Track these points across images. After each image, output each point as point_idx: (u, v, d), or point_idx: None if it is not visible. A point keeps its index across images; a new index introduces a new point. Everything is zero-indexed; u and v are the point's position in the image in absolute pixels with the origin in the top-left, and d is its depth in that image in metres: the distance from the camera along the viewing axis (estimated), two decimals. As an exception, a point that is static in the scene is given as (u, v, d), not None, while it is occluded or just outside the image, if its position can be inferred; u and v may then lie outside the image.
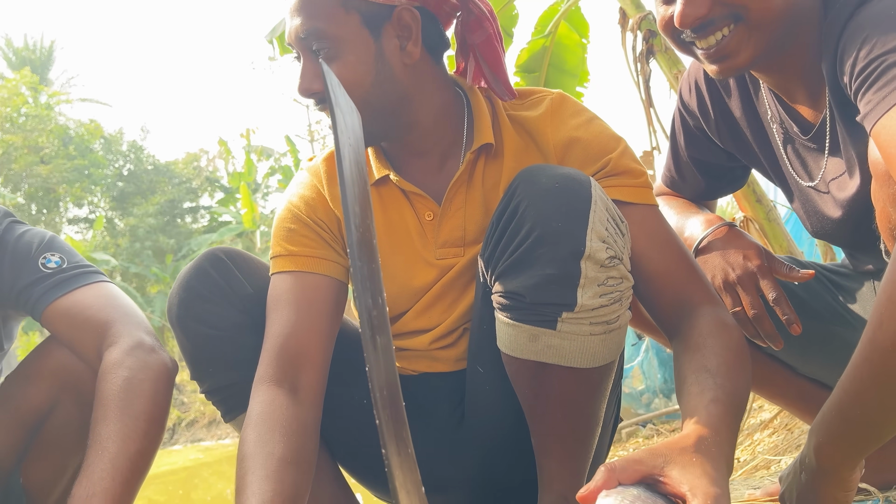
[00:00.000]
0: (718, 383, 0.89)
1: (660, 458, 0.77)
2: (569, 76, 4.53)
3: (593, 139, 1.13)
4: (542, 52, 4.39)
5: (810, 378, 1.26)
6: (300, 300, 1.10)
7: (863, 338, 0.77)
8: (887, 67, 0.78)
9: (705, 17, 0.99)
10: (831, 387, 1.26)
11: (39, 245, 1.26)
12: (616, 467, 0.76)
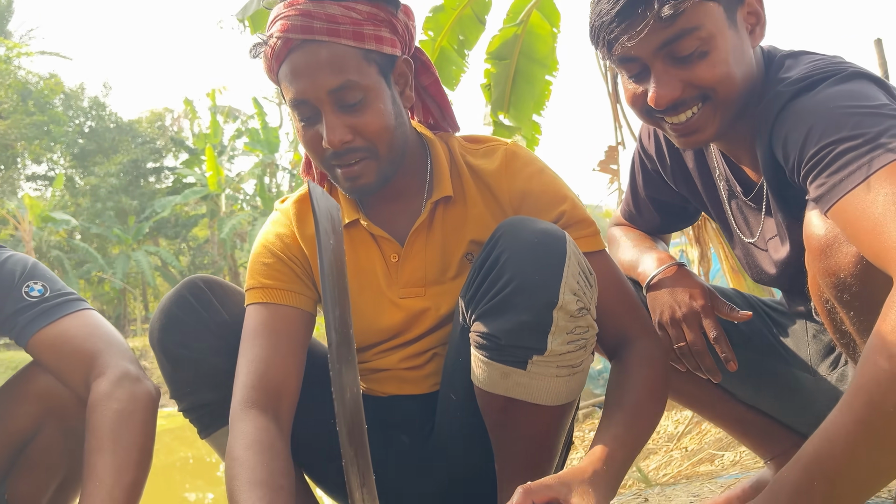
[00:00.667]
0: (625, 421, 1.06)
1: (565, 486, 0.93)
2: (538, 65, 4.57)
3: (544, 192, 1.23)
4: (513, 39, 4.43)
5: (745, 403, 1.38)
6: (275, 331, 1.18)
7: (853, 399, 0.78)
8: (837, 155, 0.87)
9: (678, 99, 1.07)
10: (764, 412, 1.38)
11: (22, 273, 1.29)
12: (532, 489, 0.91)
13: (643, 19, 1.02)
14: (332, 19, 1.10)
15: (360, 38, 1.12)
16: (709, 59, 1.04)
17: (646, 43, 1.04)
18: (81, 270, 22.41)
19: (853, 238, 0.84)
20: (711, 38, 1.04)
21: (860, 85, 0.94)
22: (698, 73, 1.05)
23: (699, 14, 1.02)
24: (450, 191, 1.24)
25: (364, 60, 1.13)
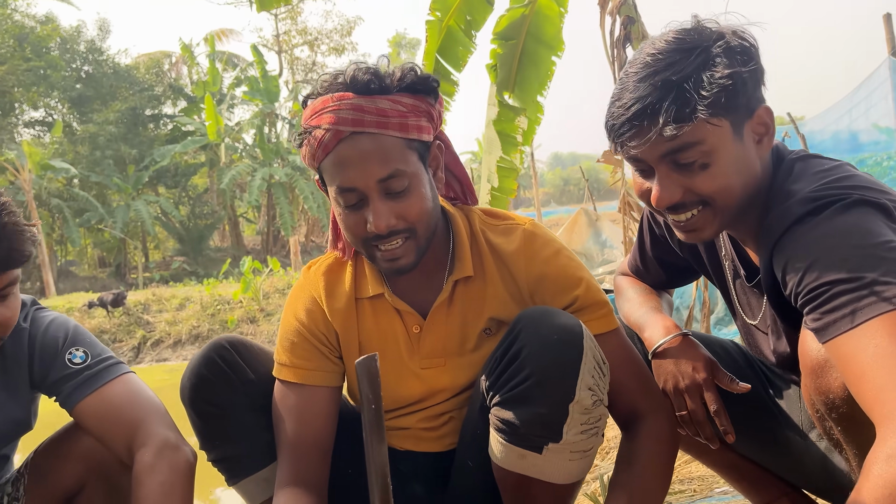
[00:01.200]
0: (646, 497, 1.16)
1: None
2: (545, 46, 4.54)
3: (560, 276, 1.28)
4: (520, 20, 4.38)
5: (740, 453, 1.46)
6: (306, 411, 1.28)
7: None
8: (833, 296, 0.92)
9: (678, 202, 1.12)
10: (758, 462, 1.46)
11: (65, 340, 1.36)
12: None
13: (649, 131, 1.06)
14: (382, 113, 1.15)
15: (405, 129, 1.17)
16: (709, 170, 1.08)
17: (651, 150, 1.08)
18: (82, 219, 22.43)
19: (843, 376, 0.91)
20: (713, 152, 1.07)
21: (863, 216, 0.97)
22: (698, 182, 1.10)
23: (703, 130, 1.05)
24: (470, 271, 1.29)
25: (407, 149, 1.18)
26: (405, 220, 1.18)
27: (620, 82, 1.11)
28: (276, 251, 26.20)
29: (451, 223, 1.33)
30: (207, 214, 27.21)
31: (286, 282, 14.53)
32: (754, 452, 1.41)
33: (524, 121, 4.68)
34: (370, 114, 1.15)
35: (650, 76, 1.06)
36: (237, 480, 1.35)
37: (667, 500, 2.15)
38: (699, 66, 1.05)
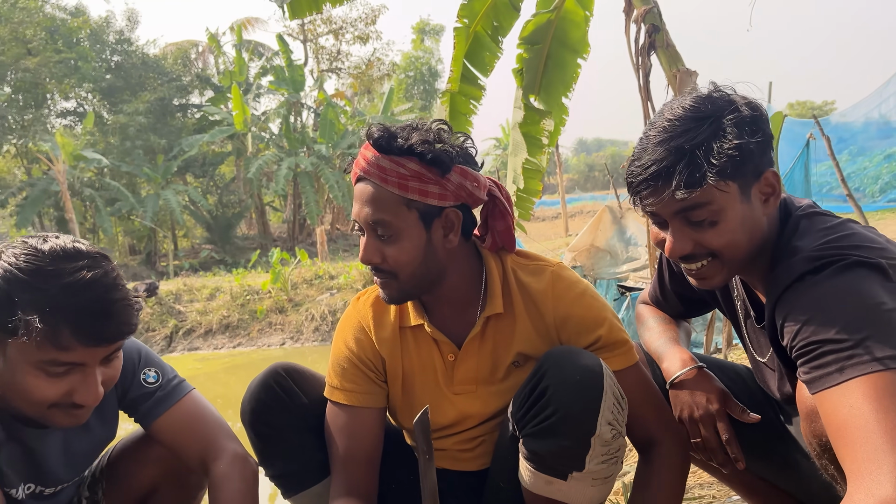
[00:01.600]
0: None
1: None
2: (570, 50, 4.61)
3: (584, 317, 1.41)
4: (546, 25, 4.45)
5: (753, 472, 1.56)
6: (356, 432, 1.44)
7: None
8: (821, 353, 1.04)
9: (689, 254, 1.23)
10: (770, 481, 1.57)
11: (139, 360, 1.49)
12: None
13: (663, 192, 1.17)
14: (382, 170, 1.32)
15: (403, 189, 1.32)
16: (717, 228, 1.19)
17: (665, 207, 1.19)
18: (113, 208, 22.86)
19: (825, 427, 1.02)
20: (721, 211, 1.18)
21: (858, 278, 1.07)
22: (707, 238, 1.20)
23: (712, 193, 1.16)
24: (500, 308, 1.42)
25: (404, 206, 1.33)
26: (386, 262, 1.34)
27: (641, 143, 1.22)
28: (302, 239, 26.50)
29: (485, 264, 1.44)
30: (235, 203, 27.56)
31: (313, 272, 14.74)
32: (765, 472, 1.52)
33: (550, 123, 4.76)
34: (373, 167, 1.32)
35: (667, 141, 1.17)
36: (292, 495, 1.50)
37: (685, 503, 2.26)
38: (710, 136, 1.15)
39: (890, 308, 1.03)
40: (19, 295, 1.16)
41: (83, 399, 1.23)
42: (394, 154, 1.32)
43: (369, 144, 1.34)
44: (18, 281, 1.17)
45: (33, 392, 1.21)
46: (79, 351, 1.19)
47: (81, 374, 1.22)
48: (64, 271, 1.18)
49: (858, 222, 1.23)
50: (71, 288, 1.17)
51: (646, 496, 1.32)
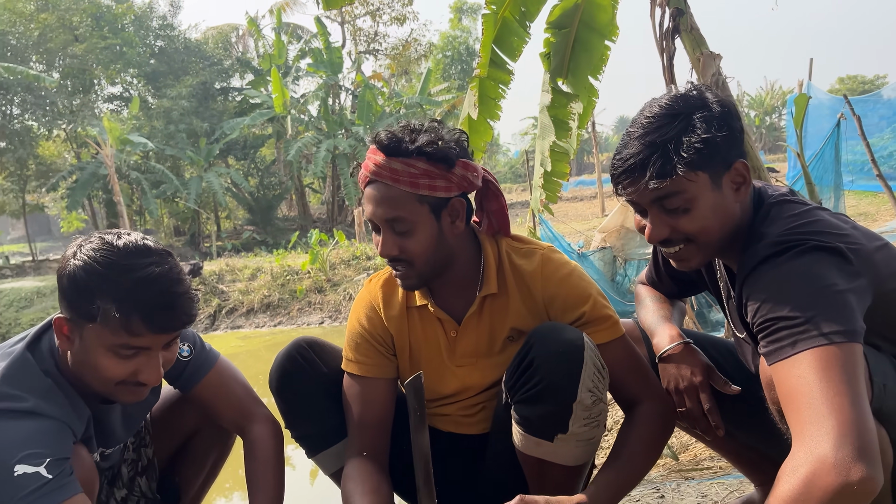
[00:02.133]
0: (620, 467, 1.40)
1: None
2: (597, 34, 4.64)
3: (570, 295, 1.53)
4: (573, 9, 4.50)
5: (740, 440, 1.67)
6: (369, 399, 1.60)
7: None
8: (776, 329, 1.15)
9: (665, 239, 1.34)
10: (755, 448, 1.67)
11: None
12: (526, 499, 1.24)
13: (638, 182, 1.29)
14: (395, 172, 1.44)
15: (415, 187, 1.45)
16: (690, 214, 1.30)
17: (642, 196, 1.31)
18: (158, 191, 23.50)
19: (778, 395, 1.13)
20: (693, 199, 1.29)
21: (815, 261, 1.16)
22: (681, 224, 1.32)
23: (682, 183, 1.27)
24: (495, 289, 1.56)
25: (417, 202, 1.46)
26: (404, 253, 1.47)
27: (623, 138, 1.33)
28: (340, 220, 26.87)
29: (482, 248, 1.58)
30: (275, 185, 28.04)
31: (351, 253, 15.02)
32: (751, 439, 1.63)
33: (578, 106, 4.82)
34: (385, 171, 1.44)
35: (643, 136, 1.29)
36: (315, 454, 1.67)
37: (693, 475, 2.38)
38: (681, 131, 1.26)
39: (840, 289, 1.13)
40: (97, 286, 1.33)
41: (147, 378, 1.40)
42: (403, 156, 1.44)
43: (377, 149, 1.47)
44: (97, 273, 1.33)
45: (105, 371, 1.37)
46: (147, 337, 1.35)
47: (146, 356, 1.38)
48: (136, 266, 1.34)
49: (829, 210, 1.33)
50: (142, 282, 1.33)
51: (624, 444, 1.44)
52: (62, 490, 1.26)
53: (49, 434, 1.32)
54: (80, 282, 1.34)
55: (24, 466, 1.25)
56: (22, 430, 1.30)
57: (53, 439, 1.32)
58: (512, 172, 47.58)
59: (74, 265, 1.35)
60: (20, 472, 1.25)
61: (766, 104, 46.08)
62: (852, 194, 11.52)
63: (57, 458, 1.29)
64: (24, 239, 31.21)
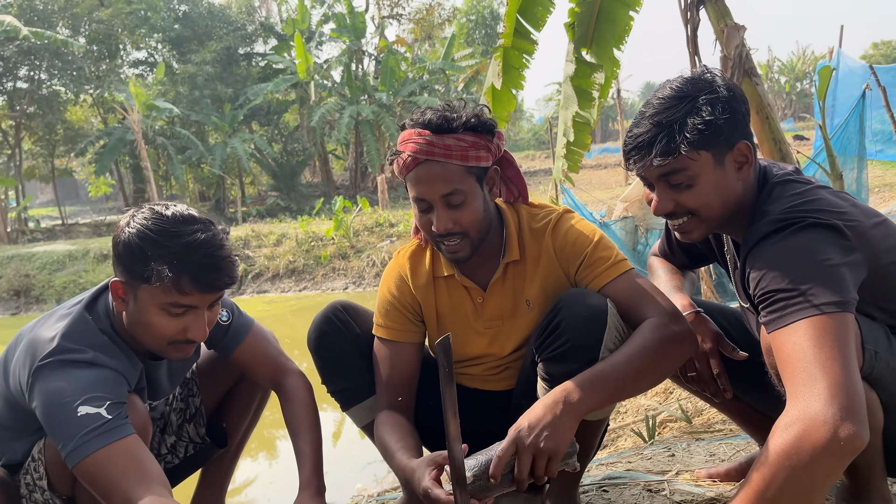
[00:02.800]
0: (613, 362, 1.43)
1: None
2: (621, 4, 4.64)
3: (574, 242, 1.63)
4: (599, -20, 4.52)
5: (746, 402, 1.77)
6: (397, 362, 1.73)
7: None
8: (775, 301, 1.23)
9: (670, 212, 1.43)
10: (760, 410, 1.78)
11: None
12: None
13: (645, 159, 1.39)
14: (448, 148, 1.54)
15: (465, 159, 1.55)
16: (693, 190, 1.39)
17: (649, 172, 1.41)
18: (184, 156, 23.78)
19: (776, 360, 1.23)
20: (696, 176, 1.38)
21: (813, 237, 1.25)
22: (684, 198, 1.41)
23: (686, 160, 1.36)
24: (518, 255, 1.66)
25: (466, 173, 1.56)
26: (460, 225, 1.57)
27: (636, 118, 1.42)
28: (363, 187, 27.01)
29: (504, 217, 1.69)
30: (299, 151, 28.21)
31: (374, 220, 15.17)
32: (757, 402, 1.72)
33: (601, 76, 4.85)
34: (438, 147, 1.53)
35: (652, 116, 1.38)
36: (348, 407, 1.81)
37: (704, 437, 2.49)
38: (686, 113, 1.35)
39: (835, 263, 1.22)
40: (151, 250, 1.47)
41: (195, 335, 1.54)
42: (453, 132, 1.54)
43: (423, 129, 1.55)
44: (150, 239, 1.47)
45: (158, 328, 1.52)
46: (195, 296, 1.50)
47: (194, 315, 1.53)
48: (184, 232, 1.48)
49: (830, 188, 1.40)
50: (190, 246, 1.47)
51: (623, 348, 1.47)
52: (120, 429, 1.40)
53: (108, 381, 1.47)
54: (134, 247, 1.48)
55: (86, 407, 1.40)
56: (84, 377, 1.45)
57: (112, 385, 1.47)
58: (535, 139, 47.27)
59: (129, 233, 1.50)
60: (83, 412, 1.39)
61: (798, 70, 45.09)
62: (879, 164, 11.39)
63: (115, 401, 1.44)
64: (52, 203, 31.86)
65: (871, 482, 1.41)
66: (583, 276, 1.62)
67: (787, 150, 3.71)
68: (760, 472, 1.14)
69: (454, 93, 27.45)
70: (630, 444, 2.98)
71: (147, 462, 1.42)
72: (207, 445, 1.89)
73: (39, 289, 15.29)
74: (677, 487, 1.84)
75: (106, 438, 1.39)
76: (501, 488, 1.36)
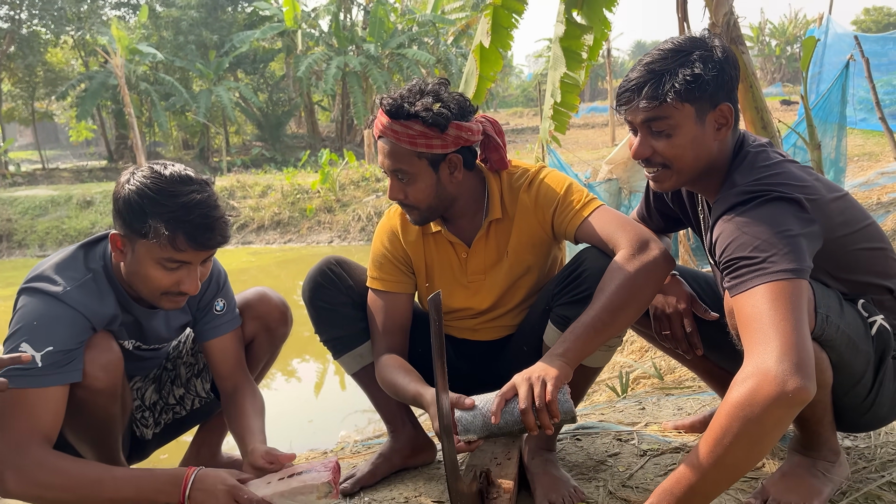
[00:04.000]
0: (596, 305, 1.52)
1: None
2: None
3: (547, 191, 1.75)
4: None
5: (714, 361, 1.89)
6: (390, 311, 1.84)
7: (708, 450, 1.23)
8: (738, 267, 1.32)
9: (647, 158, 1.52)
10: (727, 369, 1.90)
11: (217, 290, 1.87)
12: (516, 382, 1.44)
13: (632, 101, 1.48)
14: (396, 133, 1.66)
15: (413, 145, 1.66)
16: (671, 140, 1.48)
17: (635, 115, 1.49)
18: (168, 103, 23.42)
19: (737, 322, 1.34)
20: (676, 127, 1.46)
21: (775, 210, 1.34)
22: (660, 147, 1.49)
23: (669, 109, 1.45)
24: (500, 214, 1.77)
25: (415, 157, 1.67)
26: (408, 199, 1.72)
27: (634, 66, 1.51)
28: (349, 140, 26.81)
29: (487, 182, 1.80)
30: (284, 101, 27.87)
31: (360, 174, 15.14)
32: (721, 360, 1.84)
33: (590, 38, 4.88)
34: (388, 129, 1.67)
35: (648, 65, 1.47)
36: (340, 355, 1.91)
37: (674, 392, 2.63)
38: (679, 65, 1.44)
39: (794, 233, 1.32)
40: (149, 208, 1.54)
41: (187, 288, 1.63)
42: (402, 119, 1.65)
43: (385, 113, 1.67)
44: (149, 197, 1.55)
45: (153, 280, 1.60)
46: (189, 252, 1.58)
47: (187, 270, 1.61)
48: (181, 192, 1.55)
49: (797, 162, 1.50)
50: (187, 206, 1.54)
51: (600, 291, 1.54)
52: (41, 379, 1.50)
53: (62, 324, 1.55)
54: (133, 204, 1.55)
55: (27, 346, 1.50)
56: (45, 314, 1.54)
57: (65, 330, 1.55)
58: (524, 96, 46.97)
59: (129, 189, 1.57)
60: (23, 349, 1.50)
61: (789, 33, 44.89)
62: (860, 133, 11.51)
63: (58, 349, 1.52)
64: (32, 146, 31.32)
65: (820, 434, 1.53)
66: (559, 221, 1.73)
67: (768, 118, 3.80)
68: (718, 420, 1.25)
69: (443, 46, 27.10)
70: (604, 398, 3.12)
71: (45, 417, 1.51)
72: (212, 401, 1.98)
73: (21, 234, 15.21)
74: (645, 437, 1.97)
75: (23, 383, 1.49)
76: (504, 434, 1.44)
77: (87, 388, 1.58)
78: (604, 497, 1.65)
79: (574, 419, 1.43)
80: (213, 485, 1.48)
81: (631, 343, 4.18)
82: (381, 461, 1.92)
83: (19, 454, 1.46)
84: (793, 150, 5.94)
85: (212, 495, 1.47)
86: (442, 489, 1.80)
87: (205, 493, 1.48)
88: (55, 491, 1.47)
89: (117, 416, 1.70)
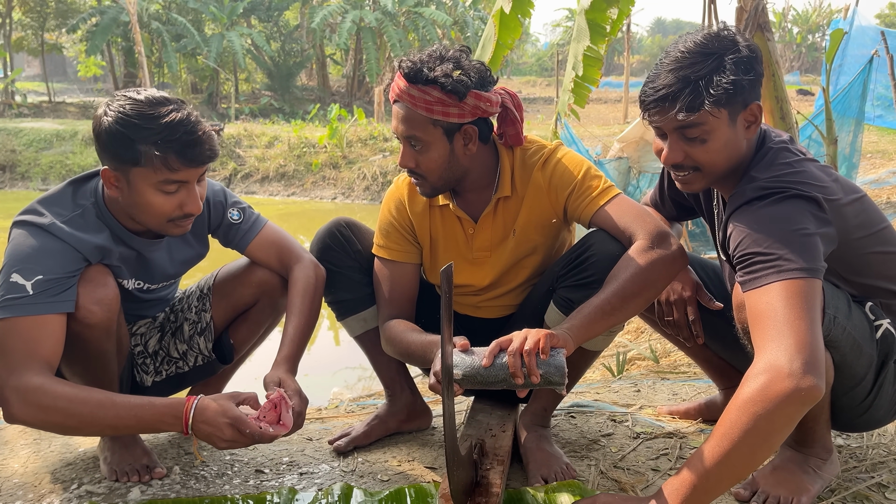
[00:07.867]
0: (607, 290, 1.53)
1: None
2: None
3: (563, 173, 1.72)
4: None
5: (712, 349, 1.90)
6: (395, 276, 1.83)
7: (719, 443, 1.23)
8: (752, 262, 1.32)
9: (679, 163, 1.49)
10: (724, 357, 1.91)
11: (224, 202, 1.86)
12: (501, 342, 1.44)
13: (668, 112, 1.42)
14: (412, 97, 1.62)
15: (429, 112, 1.62)
16: (706, 146, 1.45)
17: (667, 123, 1.45)
18: (179, 45, 23.12)
19: (748, 317, 1.33)
20: (711, 132, 1.43)
21: (792, 207, 1.33)
22: (695, 152, 1.46)
23: (707, 116, 1.41)
24: (509, 192, 1.75)
25: (430, 124, 1.63)
26: (419, 168, 1.68)
27: (656, 68, 1.46)
28: (360, 96, 26.56)
29: (500, 158, 1.76)
30: (297, 52, 27.51)
31: (369, 132, 15.02)
32: (721, 350, 1.85)
33: (615, 11, 4.80)
34: (405, 94, 1.63)
35: (677, 70, 1.41)
36: (345, 317, 1.91)
37: (669, 377, 2.65)
38: (712, 70, 1.39)
39: (810, 232, 1.31)
40: (134, 134, 1.53)
41: (191, 208, 1.62)
42: (420, 84, 1.61)
43: (403, 77, 1.62)
44: (131, 124, 1.53)
45: (156, 207, 1.59)
46: (183, 171, 1.57)
47: (186, 190, 1.60)
48: (162, 113, 1.54)
49: (818, 161, 1.48)
50: (170, 125, 1.53)
51: (611, 277, 1.56)
52: (34, 307, 1.49)
53: (51, 254, 1.54)
54: (117, 134, 1.54)
55: (17, 276, 1.50)
56: (33, 244, 1.54)
57: (54, 260, 1.54)
58: (538, 65, 46.37)
59: (108, 121, 1.55)
60: (14, 279, 1.49)
61: (812, 21, 44.20)
62: (875, 130, 11.40)
63: (48, 277, 1.51)
64: (39, 77, 30.98)
65: (815, 431, 1.55)
66: (574, 205, 1.70)
67: (787, 108, 3.76)
68: (729, 415, 1.25)
69: (461, 8, 26.68)
70: (599, 377, 3.15)
71: (43, 343, 1.50)
72: (214, 360, 1.99)
73: (25, 166, 15.15)
74: (639, 419, 1.99)
75: (16, 311, 1.48)
76: (492, 383, 1.43)
77: (80, 321, 1.57)
78: (595, 476, 1.67)
79: (563, 380, 1.41)
80: (214, 417, 1.47)
81: (628, 323, 4.19)
82: (377, 423, 1.94)
83: (19, 378, 1.46)
84: (808, 143, 5.89)
85: (217, 428, 1.46)
86: (435, 455, 1.82)
87: (208, 426, 1.46)
88: (58, 415, 1.46)
89: (111, 354, 1.69)
